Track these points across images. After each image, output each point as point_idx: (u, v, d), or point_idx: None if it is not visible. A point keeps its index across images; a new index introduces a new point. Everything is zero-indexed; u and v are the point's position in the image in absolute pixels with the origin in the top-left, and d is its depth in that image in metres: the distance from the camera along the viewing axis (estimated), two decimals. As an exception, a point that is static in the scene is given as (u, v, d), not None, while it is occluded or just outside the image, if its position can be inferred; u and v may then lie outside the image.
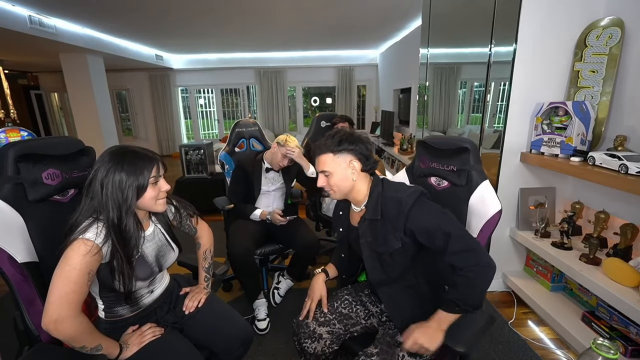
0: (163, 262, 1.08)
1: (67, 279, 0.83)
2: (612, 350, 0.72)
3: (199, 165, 3.76)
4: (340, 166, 1.06)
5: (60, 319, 0.81)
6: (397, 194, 1.03)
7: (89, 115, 5.32)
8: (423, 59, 2.92)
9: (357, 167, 1.07)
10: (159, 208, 1.00)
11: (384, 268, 1.08)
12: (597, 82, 1.69)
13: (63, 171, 1.08)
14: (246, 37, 5.43)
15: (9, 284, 0.92)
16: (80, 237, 0.86)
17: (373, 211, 1.06)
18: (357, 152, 1.07)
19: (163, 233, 1.10)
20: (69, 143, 1.14)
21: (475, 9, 2.20)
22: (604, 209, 1.62)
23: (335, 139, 1.07)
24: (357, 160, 1.07)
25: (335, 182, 1.07)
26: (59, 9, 3.68)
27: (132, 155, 0.92)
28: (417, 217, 0.99)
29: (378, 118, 6.68)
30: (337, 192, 1.10)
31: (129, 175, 0.90)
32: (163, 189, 0.99)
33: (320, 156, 1.09)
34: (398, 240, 1.02)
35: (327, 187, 1.10)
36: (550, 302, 1.81)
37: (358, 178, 1.08)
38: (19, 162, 0.99)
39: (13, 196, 0.96)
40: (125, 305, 1.02)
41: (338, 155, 1.06)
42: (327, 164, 1.07)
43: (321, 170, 1.10)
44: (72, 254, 0.84)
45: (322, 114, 2.63)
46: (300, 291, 2.16)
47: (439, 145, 1.25)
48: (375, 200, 1.06)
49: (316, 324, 1.14)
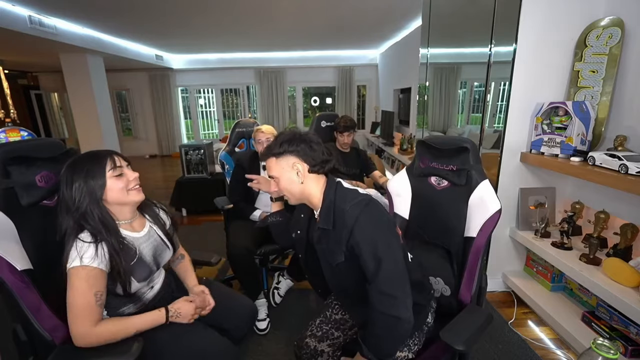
0: (160, 260, 1.11)
1: (77, 305, 0.88)
2: (612, 350, 0.72)
3: (199, 165, 3.76)
4: (284, 169, 1.01)
5: (85, 334, 0.88)
6: (343, 204, 0.94)
7: (89, 115, 5.32)
8: (423, 59, 2.92)
9: (301, 169, 0.99)
10: (134, 198, 1.01)
11: (337, 278, 1.05)
12: (597, 82, 1.69)
13: (55, 173, 1.05)
14: (246, 37, 5.43)
15: (10, 293, 0.87)
16: (78, 264, 0.87)
17: (325, 220, 0.98)
18: (300, 153, 0.99)
19: (158, 233, 1.12)
20: (52, 145, 1.10)
21: (475, 9, 2.21)
22: (604, 209, 1.62)
23: (277, 141, 1.01)
24: (302, 161, 1.00)
25: (283, 187, 1.03)
26: (59, 9, 3.68)
27: (82, 161, 0.94)
28: (359, 233, 0.90)
29: (378, 118, 6.67)
30: (291, 197, 1.05)
31: (85, 180, 0.92)
32: (131, 178, 1.00)
33: (267, 161, 1.04)
34: (341, 253, 0.95)
35: (282, 193, 1.06)
36: (550, 302, 1.81)
37: (306, 181, 1.00)
38: (9, 165, 0.94)
39: (4, 201, 0.91)
40: (130, 304, 1.04)
41: (280, 159, 1.01)
42: (271, 168, 1.03)
43: (270, 176, 1.05)
44: (76, 282, 0.88)
45: (322, 114, 2.63)
46: (300, 291, 2.16)
47: (439, 145, 1.25)
48: (327, 208, 0.98)
49: (316, 341, 1.12)
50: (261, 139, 1.93)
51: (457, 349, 0.91)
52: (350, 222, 0.91)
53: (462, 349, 0.90)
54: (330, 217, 0.97)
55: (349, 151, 2.47)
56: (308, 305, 2.06)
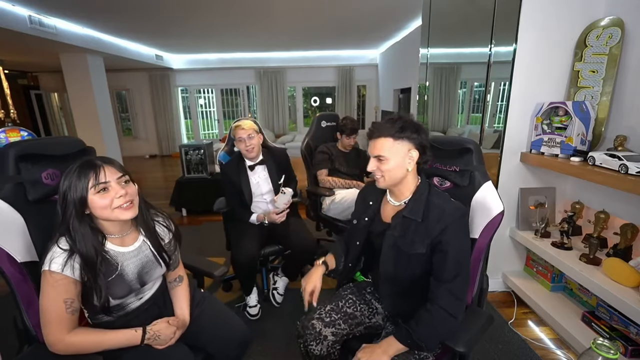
0: (147, 278, 1.02)
1: (46, 310, 0.86)
2: (612, 350, 0.72)
3: (199, 165, 3.76)
4: (399, 153, 1.00)
5: (55, 341, 0.87)
6: (444, 203, 1.00)
7: (89, 115, 5.32)
8: (423, 59, 2.92)
9: (414, 157, 1.01)
10: (120, 216, 0.91)
11: (397, 267, 1.06)
12: (597, 82, 1.69)
13: (62, 171, 1.05)
14: (246, 37, 5.43)
15: (9, 283, 0.92)
16: (47, 268, 0.85)
17: (414, 211, 1.01)
18: (418, 141, 1.00)
19: (151, 249, 1.03)
20: (70, 143, 1.14)
21: (475, 8, 2.20)
22: (604, 209, 1.62)
23: (398, 123, 0.99)
24: (416, 150, 1.01)
25: (388, 169, 1.01)
26: (59, 9, 3.68)
27: (72, 170, 0.89)
28: (452, 234, 0.96)
29: (378, 118, 6.68)
30: (387, 180, 1.03)
31: (67, 187, 0.88)
32: (118, 195, 0.90)
33: (378, 139, 1.01)
34: (424, 246, 0.99)
35: (377, 173, 1.04)
36: (550, 302, 1.82)
37: (412, 170, 1.03)
38: (20, 162, 0.99)
39: (13, 196, 0.96)
40: (114, 313, 0.99)
41: (398, 142, 0.99)
42: (384, 148, 1.00)
43: (376, 155, 1.02)
44: (45, 286, 0.86)
45: (322, 114, 2.63)
46: (299, 291, 2.15)
47: (442, 146, 1.24)
48: (421, 201, 1.02)
49: (322, 325, 1.12)
50: (242, 136, 1.79)
51: (458, 350, 0.91)
52: (448, 220, 0.96)
53: (463, 350, 0.91)
54: (420, 210, 1.00)
55: (350, 151, 2.48)
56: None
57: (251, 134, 1.81)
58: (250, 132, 1.80)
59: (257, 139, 1.86)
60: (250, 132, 1.80)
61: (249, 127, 1.81)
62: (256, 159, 1.92)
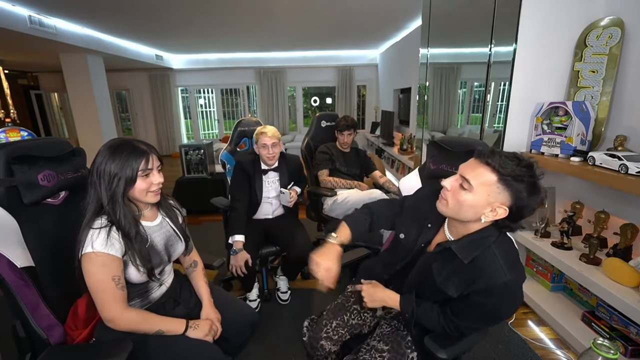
0: (172, 251, 1.12)
1: (100, 290, 0.92)
2: (612, 350, 0.72)
3: (199, 165, 3.76)
4: (487, 197, 0.81)
5: (116, 316, 0.94)
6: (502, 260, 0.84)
7: (89, 115, 5.32)
8: (423, 59, 2.92)
9: (498, 214, 0.81)
10: (149, 200, 1.03)
11: (423, 286, 1.00)
12: (597, 82, 1.69)
13: (58, 172, 1.06)
14: (246, 37, 5.43)
15: (9, 290, 0.89)
16: (90, 250, 0.90)
17: (463, 250, 0.87)
18: (518, 204, 0.80)
19: (170, 224, 1.14)
20: (59, 144, 1.12)
21: (475, 9, 2.21)
22: (604, 209, 1.62)
23: (519, 170, 0.78)
24: (507, 210, 0.81)
25: (460, 200, 0.84)
26: (59, 9, 3.68)
27: (125, 148, 0.95)
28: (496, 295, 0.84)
29: (378, 118, 6.68)
30: (449, 209, 0.88)
31: (119, 168, 0.94)
32: (155, 182, 1.01)
33: (482, 165, 0.81)
34: (455, 290, 0.89)
35: (446, 193, 0.88)
36: (550, 302, 1.82)
37: (484, 223, 0.85)
38: (12, 164, 0.96)
39: (7, 200, 0.93)
40: (137, 299, 1.05)
41: (499, 186, 0.79)
42: (478, 177, 0.81)
43: (463, 175, 0.84)
44: (92, 269, 0.91)
45: (322, 114, 2.63)
46: (299, 291, 2.16)
47: (450, 147, 1.24)
48: (476, 243, 0.86)
49: (331, 344, 1.10)
50: (267, 143, 1.84)
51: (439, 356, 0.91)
52: (494, 282, 0.82)
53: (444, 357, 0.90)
54: (471, 253, 0.86)
55: (349, 151, 2.47)
56: (309, 305, 2.07)
57: (275, 142, 1.87)
58: (275, 140, 1.86)
59: (279, 147, 1.92)
60: (274, 140, 1.86)
61: (273, 135, 1.86)
62: (272, 165, 1.96)
